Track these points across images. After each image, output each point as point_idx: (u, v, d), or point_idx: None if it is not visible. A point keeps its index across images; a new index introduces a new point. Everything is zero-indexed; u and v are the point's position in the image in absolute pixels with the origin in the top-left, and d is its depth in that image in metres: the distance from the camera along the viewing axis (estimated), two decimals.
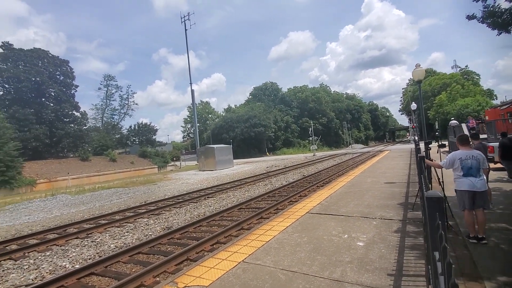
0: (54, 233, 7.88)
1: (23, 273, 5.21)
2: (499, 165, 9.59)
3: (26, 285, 4.61)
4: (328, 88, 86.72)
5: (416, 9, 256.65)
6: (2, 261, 5.93)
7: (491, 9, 6.66)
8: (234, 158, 33.03)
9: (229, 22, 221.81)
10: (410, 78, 72.73)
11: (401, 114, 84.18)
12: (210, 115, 76.13)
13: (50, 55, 34.44)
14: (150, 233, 7.06)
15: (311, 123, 56.38)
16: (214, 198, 11.49)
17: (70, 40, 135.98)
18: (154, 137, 50.37)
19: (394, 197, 6.92)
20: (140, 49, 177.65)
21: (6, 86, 31.06)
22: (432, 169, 5.45)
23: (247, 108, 62.42)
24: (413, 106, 26.16)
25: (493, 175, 8.06)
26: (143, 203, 11.44)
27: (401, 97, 77.11)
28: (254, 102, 67.83)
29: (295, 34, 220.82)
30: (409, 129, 62.91)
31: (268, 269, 3.44)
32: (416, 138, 18.85)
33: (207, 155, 28.64)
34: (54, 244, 6.77)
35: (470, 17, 6.55)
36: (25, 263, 5.64)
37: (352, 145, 71.47)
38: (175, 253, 5.02)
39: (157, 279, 4.37)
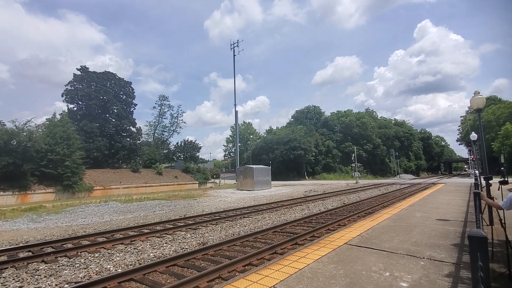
0: (103, 237, 8.59)
1: (74, 271, 5.74)
2: None
3: (75, 282, 5.06)
4: (374, 113, 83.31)
5: (476, 34, 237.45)
6: (59, 257, 6.62)
7: None
8: (273, 180, 32.90)
9: (277, 48, 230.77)
10: (470, 106, 66.28)
11: (459, 144, 76.45)
12: (251, 136, 77.91)
13: (117, 77, 39.30)
14: (186, 247, 7.30)
15: (354, 148, 54.04)
16: (250, 218, 11.49)
17: (136, 65, 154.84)
18: (197, 154, 52.88)
19: (447, 236, 6.18)
20: (193, 73, 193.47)
21: (80, 103, 35.99)
22: (494, 208, 4.81)
23: (288, 130, 62.60)
24: (473, 136, 23.57)
25: None
26: (182, 217, 11.92)
27: (459, 126, 70.50)
28: (296, 125, 67.86)
29: (342, 59, 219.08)
30: (469, 161, 56.39)
31: None
32: (477, 172, 16.67)
33: (246, 175, 29.03)
34: (102, 247, 7.37)
35: None
36: (77, 262, 6.22)
37: (401, 175, 66.16)
38: (208, 270, 5.10)
39: None
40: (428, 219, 8.32)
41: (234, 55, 42.23)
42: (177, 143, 51.98)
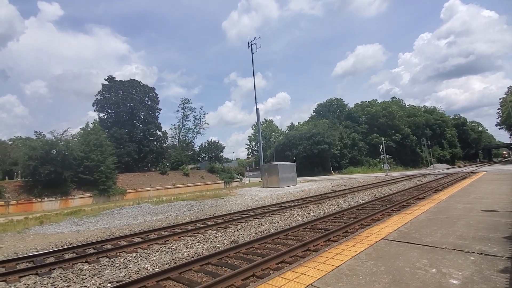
0: (139, 238, 8.94)
1: (115, 270, 6.00)
2: None
3: (117, 282, 5.28)
4: (401, 101, 79.32)
5: None
6: (100, 258, 6.98)
7: None
8: (297, 176, 32.52)
9: (295, 43, 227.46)
10: (510, 86, 60.90)
11: (500, 128, 70.49)
12: (273, 133, 77.64)
13: (141, 84, 40.88)
14: (218, 245, 7.37)
15: (382, 139, 51.85)
16: (278, 215, 11.39)
17: (160, 71, 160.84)
18: (221, 154, 53.68)
19: (497, 228, 5.67)
20: (213, 75, 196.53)
21: (109, 111, 37.92)
22: None
23: (311, 125, 61.50)
24: None
25: None
26: (211, 216, 12.11)
27: (499, 109, 64.94)
28: (318, 119, 66.50)
29: (363, 48, 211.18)
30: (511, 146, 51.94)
31: None
32: None
33: (270, 172, 28.92)
34: (139, 247, 7.67)
35: None
36: (117, 262, 6.51)
37: (434, 165, 62.55)
38: (242, 268, 5.09)
39: None
40: (472, 210, 7.71)
41: (252, 53, 42.23)
42: (201, 144, 53.15)
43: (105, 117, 37.87)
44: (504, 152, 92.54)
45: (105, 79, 38.67)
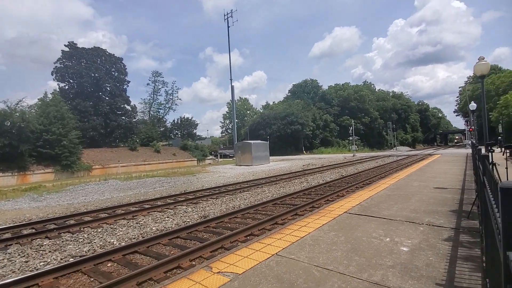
0: (105, 213, 8.67)
1: (78, 245, 5.82)
2: None
3: (80, 256, 5.14)
4: (372, 86, 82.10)
5: (480, 1, 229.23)
6: (62, 234, 6.69)
7: None
8: (270, 155, 33.06)
9: (274, 19, 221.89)
10: (469, 76, 65.33)
11: (457, 115, 76.39)
12: (248, 112, 77.20)
13: (107, 53, 37.83)
14: (188, 220, 7.39)
15: (352, 122, 53.90)
16: (249, 192, 11.62)
17: (130, 41, 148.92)
18: (194, 131, 52.55)
19: (445, 203, 6.28)
20: (188, 48, 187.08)
21: (71, 81, 34.95)
22: (495, 173, 4.79)
23: (285, 105, 61.91)
24: (472, 106, 23.46)
25: None
26: (182, 192, 12.03)
27: (458, 97, 69.95)
28: (293, 99, 67.03)
29: (341, 30, 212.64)
30: (465, 132, 56.73)
31: (302, 264, 3.35)
32: (474, 141, 16.59)
33: (244, 150, 29.08)
34: (104, 223, 7.46)
35: None
36: (81, 237, 6.29)
37: (397, 147, 66.83)
38: (210, 240, 5.18)
39: (193, 263, 4.54)
40: (426, 187, 8.43)
41: (228, 27, 40.40)
42: (174, 121, 51.47)
43: (67, 87, 34.90)
44: (457, 137, 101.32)
45: (65, 45, 35.18)
